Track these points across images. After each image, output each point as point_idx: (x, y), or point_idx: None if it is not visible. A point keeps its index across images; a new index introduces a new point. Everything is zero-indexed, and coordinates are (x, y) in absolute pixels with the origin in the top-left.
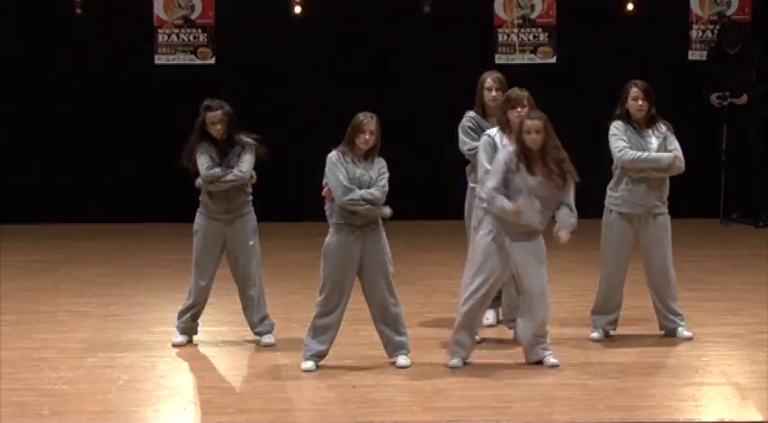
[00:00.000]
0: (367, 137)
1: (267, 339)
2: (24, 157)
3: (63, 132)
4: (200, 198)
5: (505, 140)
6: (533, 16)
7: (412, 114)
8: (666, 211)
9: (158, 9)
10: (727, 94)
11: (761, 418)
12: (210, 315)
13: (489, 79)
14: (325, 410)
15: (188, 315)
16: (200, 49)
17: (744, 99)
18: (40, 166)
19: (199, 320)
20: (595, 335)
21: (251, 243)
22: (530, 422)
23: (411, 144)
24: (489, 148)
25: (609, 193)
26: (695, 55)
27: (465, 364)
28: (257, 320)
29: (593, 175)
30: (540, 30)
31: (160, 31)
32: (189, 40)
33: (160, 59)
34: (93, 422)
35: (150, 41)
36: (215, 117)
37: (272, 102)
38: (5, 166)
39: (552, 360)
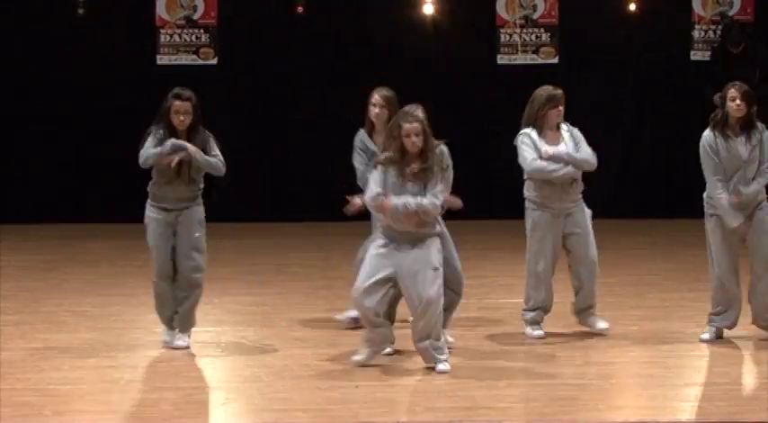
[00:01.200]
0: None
1: (181, 341)
2: (24, 157)
3: (63, 132)
4: (150, 188)
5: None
6: (535, 16)
7: None
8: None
9: (160, 9)
10: None
11: (762, 419)
12: (211, 315)
13: (377, 95)
14: (327, 410)
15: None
16: (202, 50)
17: None
18: (40, 166)
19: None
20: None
21: (197, 235)
22: (532, 422)
23: None
24: (531, 144)
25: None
26: (697, 55)
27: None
28: (179, 316)
29: (594, 176)
30: (542, 30)
31: (162, 31)
32: (191, 40)
33: (162, 60)
34: None
35: (152, 42)
36: (182, 107)
37: (274, 102)
38: (5, 166)
39: (443, 367)
